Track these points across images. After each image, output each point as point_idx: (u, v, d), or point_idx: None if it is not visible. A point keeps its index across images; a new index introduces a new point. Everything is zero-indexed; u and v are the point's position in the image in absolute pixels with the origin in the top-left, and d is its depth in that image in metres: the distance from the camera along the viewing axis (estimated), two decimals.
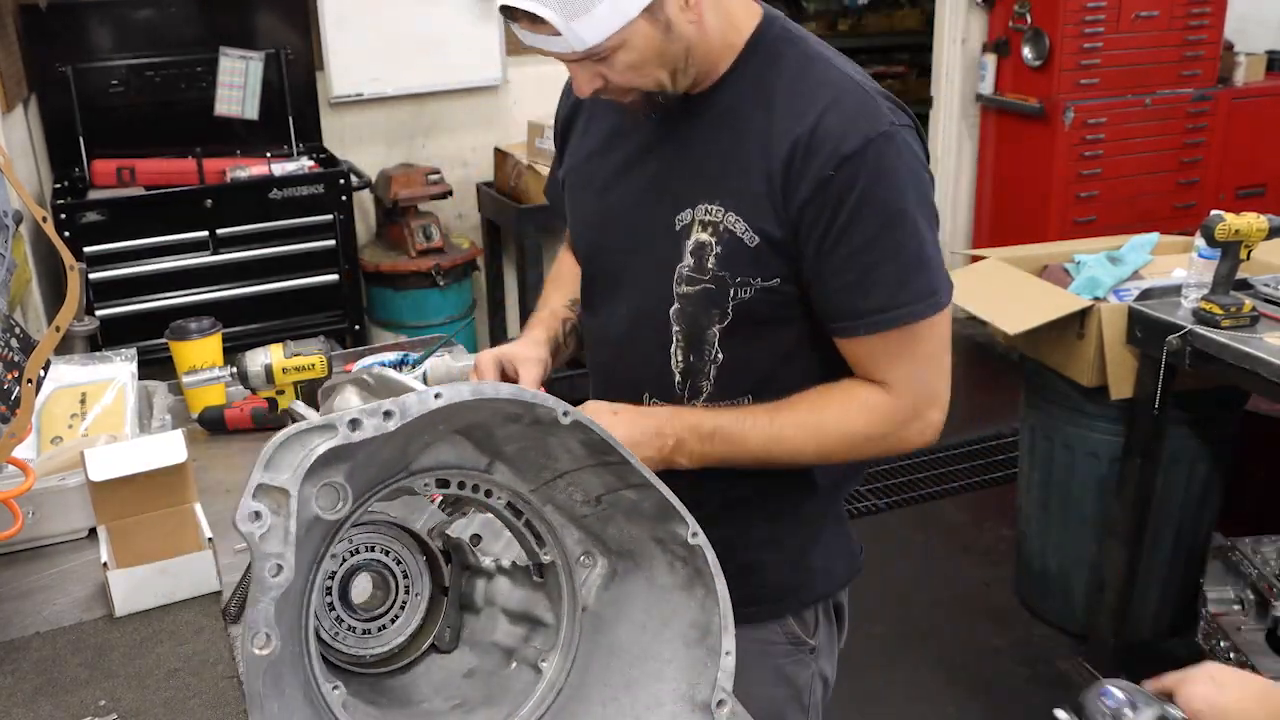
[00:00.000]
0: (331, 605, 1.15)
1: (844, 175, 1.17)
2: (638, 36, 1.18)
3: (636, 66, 1.21)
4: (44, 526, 1.51)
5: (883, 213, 1.18)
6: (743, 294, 1.26)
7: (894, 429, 1.25)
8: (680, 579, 1.07)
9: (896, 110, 1.22)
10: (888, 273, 1.20)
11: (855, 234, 1.18)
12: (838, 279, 1.21)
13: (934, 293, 1.21)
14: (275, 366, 1.83)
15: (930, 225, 1.22)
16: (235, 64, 3.85)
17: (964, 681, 2.83)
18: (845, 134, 1.17)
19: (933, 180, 1.27)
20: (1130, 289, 2.69)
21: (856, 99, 1.19)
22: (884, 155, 1.17)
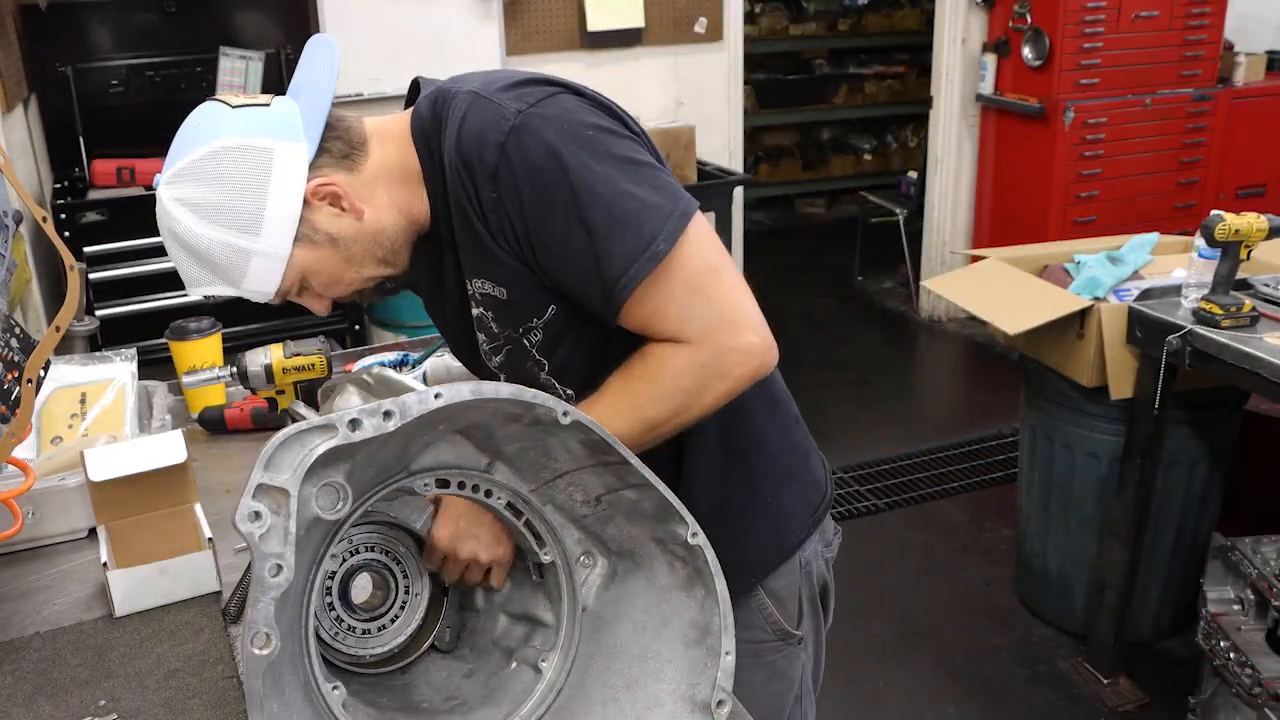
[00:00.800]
0: (331, 605, 1.15)
1: (504, 190, 1.13)
2: (310, 263, 1.18)
3: (336, 281, 1.22)
4: (44, 526, 1.51)
5: (552, 202, 1.12)
6: (535, 338, 1.23)
7: (704, 371, 1.15)
8: (680, 579, 1.07)
9: (524, 93, 1.14)
10: (592, 253, 1.12)
11: (544, 235, 1.13)
12: (565, 283, 1.17)
13: (646, 245, 1.11)
14: (275, 366, 1.83)
15: (619, 171, 1.13)
16: (235, 64, 3.86)
17: (964, 681, 2.83)
18: (482, 156, 1.12)
19: (616, 116, 1.19)
20: (1130, 289, 2.69)
21: (476, 114, 1.13)
22: (522, 148, 1.11)
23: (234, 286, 1.18)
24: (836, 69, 7.42)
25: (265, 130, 1.15)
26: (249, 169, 1.13)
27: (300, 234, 1.16)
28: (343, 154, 1.19)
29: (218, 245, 1.15)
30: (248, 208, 1.14)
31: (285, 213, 1.15)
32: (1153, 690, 2.74)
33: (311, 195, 1.16)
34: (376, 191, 1.20)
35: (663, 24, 4.58)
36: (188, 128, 1.18)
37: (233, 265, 1.16)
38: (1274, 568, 2.28)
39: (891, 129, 7.59)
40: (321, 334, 2.04)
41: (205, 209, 1.14)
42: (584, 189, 1.11)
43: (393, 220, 1.21)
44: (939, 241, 5.37)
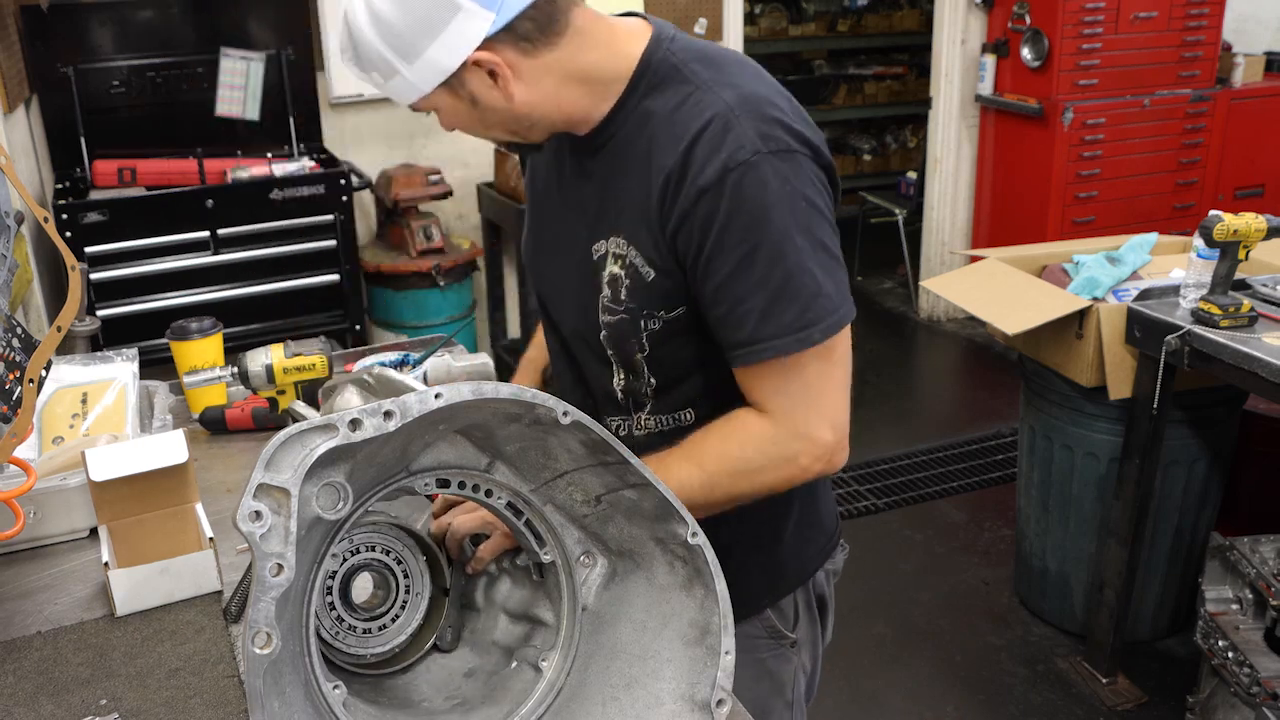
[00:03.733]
0: (332, 605, 1.15)
1: (703, 208, 1.15)
2: (444, 105, 1.22)
3: (464, 127, 1.26)
4: (45, 526, 1.51)
5: (743, 244, 1.15)
6: (652, 325, 1.26)
7: (777, 456, 1.21)
8: (680, 578, 1.08)
9: (772, 135, 1.16)
10: (752, 306, 1.16)
11: (718, 267, 1.17)
12: (711, 311, 1.20)
13: (805, 326, 1.16)
14: (276, 366, 1.84)
15: (811, 251, 1.16)
16: (236, 65, 3.86)
17: (963, 681, 2.83)
18: (704, 166, 1.15)
19: (829, 198, 1.21)
20: (1129, 289, 2.70)
21: (721, 127, 1.15)
22: (743, 185, 1.13)
23: (384, 77, 1.20)
24: (836, 70, 7.42)
25: None
26: (432, 12, 1.14)
27: (449, 83, 1.18)
28: (526, 34, 1.18)
29: (374, 50, 1.17)
30: (413, 41, 1.15)
31: (442, 64, 1.17)
32: (1151, 689, 2.74)
33: (473, 62, 1.17)
34: (544, 79, 1.21)
35: None
36: None
37: (380, 68, 1.19)
38: (1272, 567, 2.29)
39: (891, 129, 7.59)
40: (322, 334, 2.04)
41: (379, 19, 1.15)
42: (775, 248, 1.14)
43: (546, 110, 1.23)
44: (938, 242, 5.37)
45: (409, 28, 1.15)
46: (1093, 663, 2.80)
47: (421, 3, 1.13)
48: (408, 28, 1.15)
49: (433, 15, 1.14)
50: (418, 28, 1.14)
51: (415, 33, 1.15)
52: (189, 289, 3.61)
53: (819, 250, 1.17)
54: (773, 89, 1.23)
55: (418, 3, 1.14)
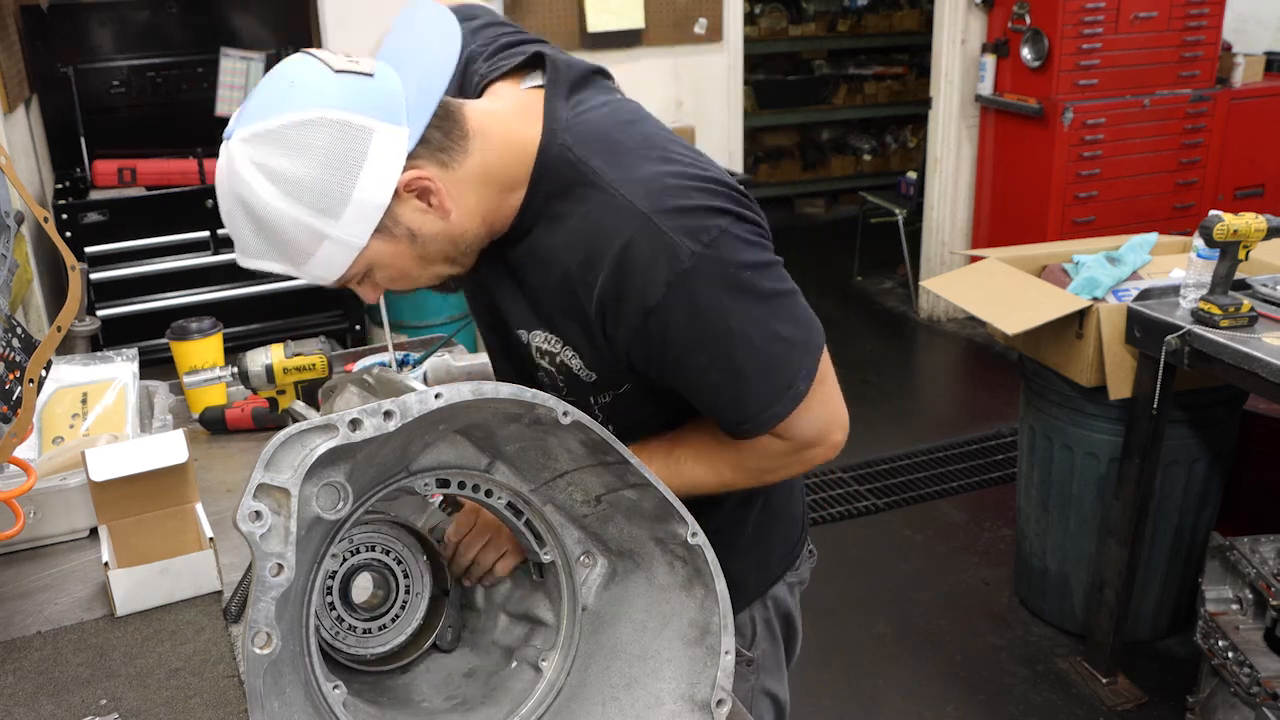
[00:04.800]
0: (332, 605, 1.15)
1: (655, 323, 1.10)
2: (382, 256, 1.10)
3: (400, 278, 1.15)
4: (45, 526, 1.52)
5: (706, 347, 1.12)
6: (602, 400, 1.26)
7: (795, 463, 1.25)
8: (680, 578, 1.08)
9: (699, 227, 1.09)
10: (735, 393, 1.15)
11: (688, 369, 1.15)
12: (692, 399, 1.20)
13: (790, 385, 1.15)
14: (276, 366, 1.84)
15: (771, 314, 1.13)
16: (236, 65, 3.86)
17: (963, 681, 2.83)
18: (644, 287, 1.08)
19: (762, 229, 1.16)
20: (1129, 289, 2.70)
21: (648, 243, 1.08)
22: (692, 293, 1.08)
23: (294, 267, 1.09)
24: (836, 69, 7.42)
25: (368, 107, 1.03)
26: (344, 148, 1.02)
27: (381, 225, 1.07)
28: (440, 146, 1.09)
29: (290, 222, 1.04)
30: (334, 190, 1.03)
31: (373, 201, 1.05)
32: (1151, 689, 2.74)
33: (404, 188, 1.07)
34: (467, 194, 1.12)
35: (663, 25, 4.59)
36: (280, 84, 1.05)
37: (301, 246, 1.06)
38: (1272, 567, 2.29)
39: (891, 129, 7.59)
40: (322, 334, 2.04)
41: (287, 182, 1.03)
42: (741, 337, 1.12)
43: (474, 225, 1.15)
44: (938, 242, 5.37)
45: (322, 177, 1.02)
46: (1093, 663, 2.80)
47: (324, 142, 1.02)
48: (320, 177, 1.02)
49: (347, 151, 1.02)
50: (335, 173, 1.03)
51: (334, 180, 1.03)
52: (189, 289, 3.60)
53: (774, 305, 1.14)
54: (673, 148, 1.16)
55: (319, 143, 1.02)
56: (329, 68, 1.05)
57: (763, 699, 1.49)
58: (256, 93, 1.07)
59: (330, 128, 1.02)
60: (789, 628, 1.50)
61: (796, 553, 1.49)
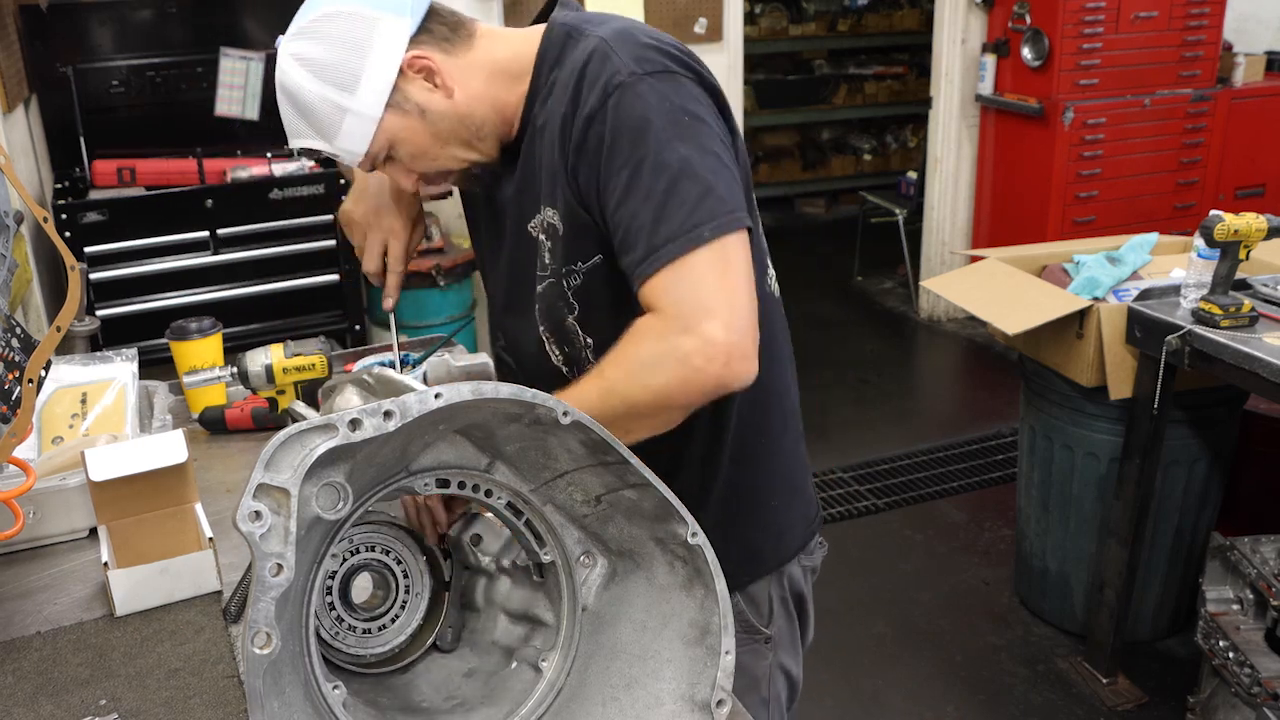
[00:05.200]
0: (332, 605, 1.15)
1: (592, 136, 1.20)
2: (398, 131, 1.27)
3: (422, 154, 1.30)
4: (45, 526, 1.51)
5: (629, 162, 1.17)
6: (574, 280, 1.29)
7: (666, 353, 1.12)
8: (680, 578, 1.08)
9: (647, 58, 1.20)
10: (643, 221, 1.16)
11: (611, 190, 1.19)
12: (614, 239, 1.21)
13: (695, 226, 1.14)
14: (275, 366, 1.83)
15: (699, 157, 1.16)
16: (236, 64, 3.86)
17: (963, 681, 2.83)
18: (587, 96, 1.20)
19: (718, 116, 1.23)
20: (1129, 289, 2.70)
21: (600, 58, 1.21)
22: (621, 105, 1.18)
23: (328, 141, 1.27)
24: (836, 69, 7.42)
25: (377, 4, 1.24)
26: (354, 32, 1.23)
27: (392, 100, 1.25)
28: (444, 37, 1.28)
29: (318, 98, 1.25)
30: (348, 67, 1.23)
31: (381, 77, 1.24)
32: (1152, 690, 2.74)
33: (407, 66, 1.24)
34: (472, 79, 1.28)
35: (663, 24, 4.59)
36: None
37: (329, 119, 1.25)
38: (1273, 567, 2.29)
39: (891, 129, 7.60)
40: (322, 334, 2.04)
41: (313, 63, 1.24)
42: (657, 159, 1.16)
43: (483, 109, 1.29)
44: (938, 241, 5.37)
45: (339, 57, 1.23)
46: (1093, 663, 2.80)
47: (340, 29, 1.23)
48: (338, 57, 1.23)
49: (355, 35, 1.23)
50: (346, 53, 1.23)
51: (347, 58, 1.23)
52: (189, 289, 3.61)
53: (706, 156, 1.17)
54: (654, 30, 1.28)
55: (337, 30, 1.23)
56: None
57: (779, 675, 1.50)
58: (303, 6, 1.28)
59: (345, 18, 1.24)
60: (802, 609, 1.51)
61: (813, 530, 1.50)
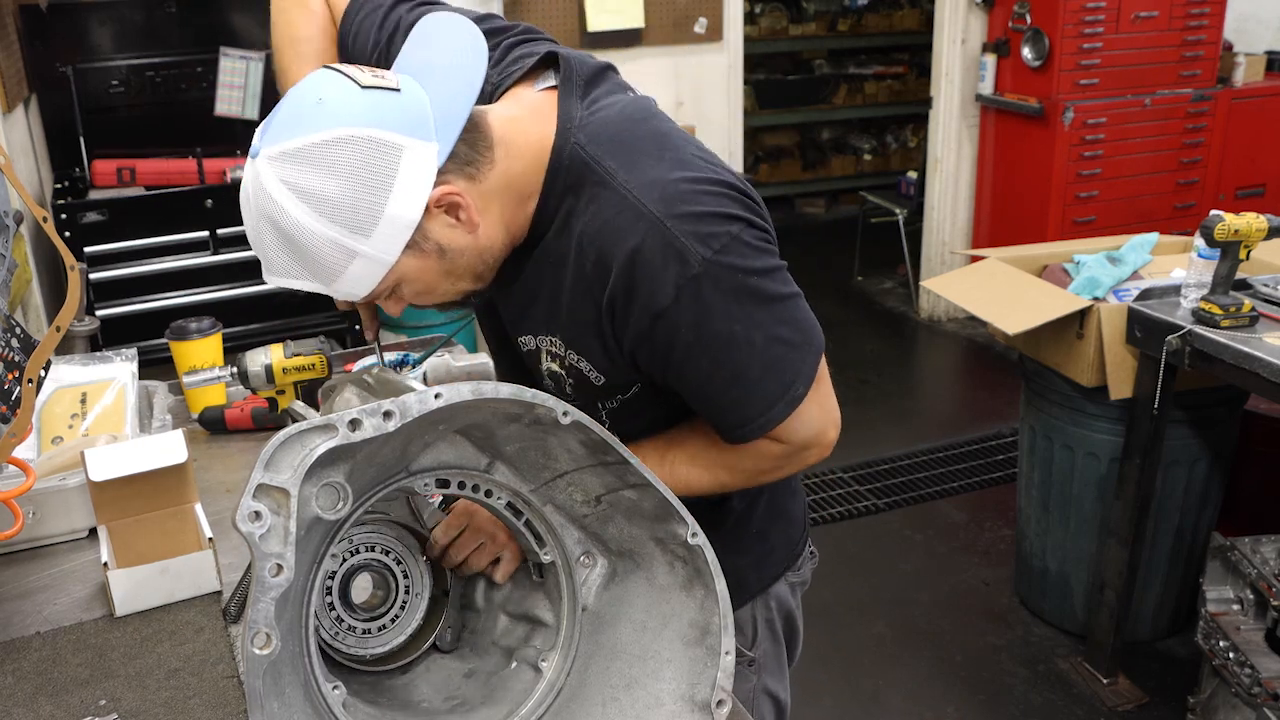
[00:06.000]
0: (332, 605, 1.15)
1: (662, 328, 1.11)
2: (411, 271, 1.10)
3: (429, 291, 1.15)
4: (44, 526, 1.51)
5: (710, 352, 1.13)
6: (610, 405, 1.26)
7: (790, 465, 1.26)
8: (680, 579, 1.08)
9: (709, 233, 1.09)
10: (735, 397, 1.16)
11: (690, 375, 1.16)
12: (694, 405, 1.21)
13: (788, 388, 1.16)
14: (275, 366, 1.83)
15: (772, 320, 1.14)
16: (235, 64, 3.86)
17: (964, 681, 2.83)
18: (653, 291, 1.09)
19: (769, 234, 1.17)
20: (1130, 289, 2.70)
21: (660, 245, 1.08)
22: (698, 298, 1.09)
23: (324, 285, 1.08)
24: (836, 69, 7.42)
25: (397, 124, 1.03)
26: (375, 166, 1.02)
27: (411, 241, 1.07)
28: (468, 160, 1.09)
29: (322, 241, 1.03)
30: (366, 208, 1.03)
31: (404, 218, 1.04)
32: (1152, 690, 2.74)
33: (434, 204, 1.06)
34: (492, 206, 1.13)
35: (663, 24, 4.59)
36: (307, 101, 1.04)
37: (332, 264, 1.05)
38: (1273, 567, 2.29)
39: (891, 129, 7.59)
40: (321, 334, 2.04)
41: (318, 200, 1.02)
42: (744, 341, 1.13)
43: (500, 238, 1.16)
44: (939, 241, 5.37)
45: (355, 195, 1.02)
46: (1093, 663, 2.80)
47: (356, 160, 1.01)
48: (354, 196, 1.02)
49: (378, 169, 1.02)
50: (364, 191, 1.02)
51: (364, 198, 1.02)
52: (188, 289, 3.60)
53: (778, 308, 1.15)
54: (686, 150, 1.16)
55: (352, 161, 1.01)
56: (356, 84, 1.04)
57: (764, 699, 1.49)
58: (282, 109, 1.06)
59: (361, 145, 1.01)
60: (790, 628, 1.50)
61: (798, 551, 1.49)
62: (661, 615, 1.09)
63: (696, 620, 1.07)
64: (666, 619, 1.08)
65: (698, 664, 1.06)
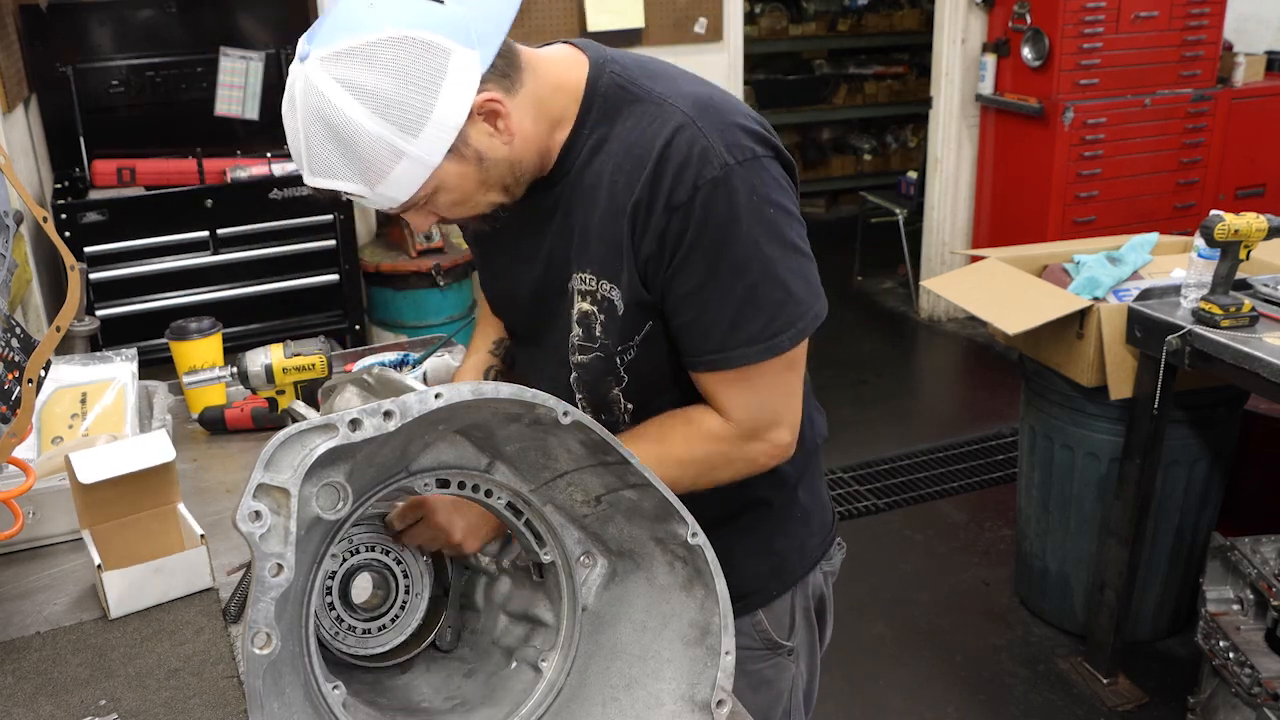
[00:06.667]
0: (332, 605, 1.15)
1: (675, 225, 1.14)
2: (450, 178, 1.13)
3: (461, 202, 1.18)
4: (44, 526, 1.51)
5: (710, 258, 1.14)
6: (629, 356, 1.26)
7: (734, 453, 1.23)
8: (680, 579, 1.08)
9: (737, 144, 1.15)
10: (719, 317, 1.16)
11: (685, 279, 1.16)
12: (676, 319, 1.20)
13: (773, 335, 1.16)
14: (275, 366, 1.83)
15: (781, 257, 1.16)
16: (235, 64, 3.86)
17: (964, 681, 2.83)
18: (675, 185, 1.13)
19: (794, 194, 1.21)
20: (1130, 289, 2.70)
21: (687, 142, 1.13)
22: (713, 201, 1.12)
23: (368, 186, 1.10)
24: (836, 69, 7.42)
25: (446, 29, 1.06)
26: (426, 66, 1.05)
27: (454, 145, 1.10)
28: (504, 73, 1.13)
29: (373, 139, 1.05)
30: (417, 107, 1.05)
31: (450, 121, 1.08)
32: (1152, 690, 2.74)
33: (477, 109, 1.10)
34: (525, 119, 1.16)
35: (663, 24, 4.59)
36: (359, 5, 1.07)
37: (380, 163, 1.07)
38: (1273, 567, 2.29)
39: (891, 129, 7.59)
40: (322, 334, 2.04)
41: (372, 97, 1.04)
42: (743, 260, 1.15)
43: (531, 153, 1.19)
44: (939, 241, 5.37)
45: (407, 94, 1.05)
46: (1093, 663, 2.79)
47: (409, 59, 1.04)
48: (406, 94, 1.05)
49: (428, 70, 1.05)
50: (416, 90, 1.05)
51: (416, 96, 1.05)
52: (188, 289, 3.60)
53: (789, 253, 1.18)
54: (722, 92, 1.22)
55: (404, 61, 1.04)
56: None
57: (799, 683, 1.50)
58: (332, 15, 1.08)
59: (413, 46, 1.04)
60: (822, 616, 1.52)
61: (832, 535, 1.50)
62: (661, 615, 1.09)
63: (697, 620, 1.07)
64: (666, 619, 1.08)
65: (698, 664, 1.06)
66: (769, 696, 1.46)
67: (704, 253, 1.14)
